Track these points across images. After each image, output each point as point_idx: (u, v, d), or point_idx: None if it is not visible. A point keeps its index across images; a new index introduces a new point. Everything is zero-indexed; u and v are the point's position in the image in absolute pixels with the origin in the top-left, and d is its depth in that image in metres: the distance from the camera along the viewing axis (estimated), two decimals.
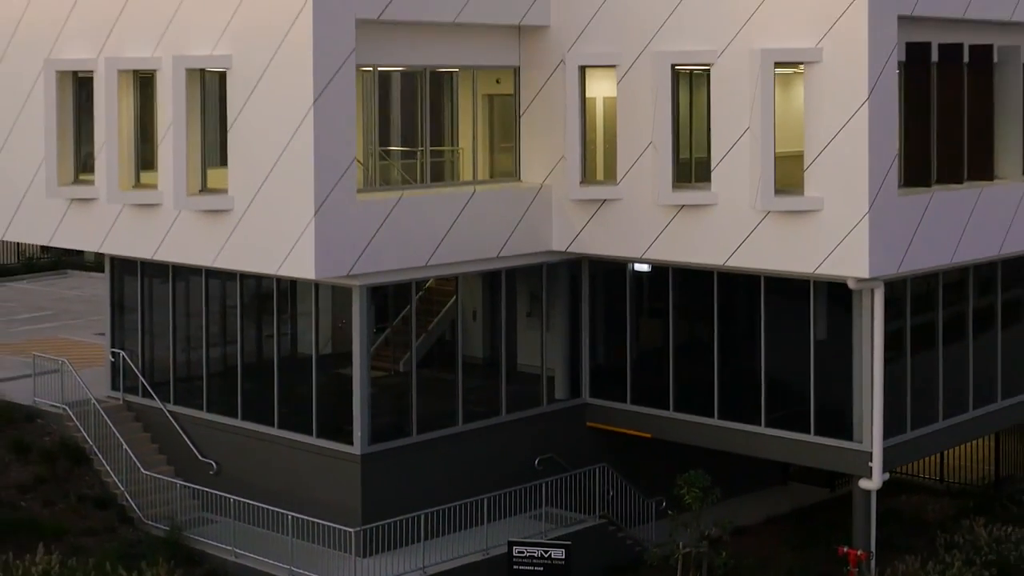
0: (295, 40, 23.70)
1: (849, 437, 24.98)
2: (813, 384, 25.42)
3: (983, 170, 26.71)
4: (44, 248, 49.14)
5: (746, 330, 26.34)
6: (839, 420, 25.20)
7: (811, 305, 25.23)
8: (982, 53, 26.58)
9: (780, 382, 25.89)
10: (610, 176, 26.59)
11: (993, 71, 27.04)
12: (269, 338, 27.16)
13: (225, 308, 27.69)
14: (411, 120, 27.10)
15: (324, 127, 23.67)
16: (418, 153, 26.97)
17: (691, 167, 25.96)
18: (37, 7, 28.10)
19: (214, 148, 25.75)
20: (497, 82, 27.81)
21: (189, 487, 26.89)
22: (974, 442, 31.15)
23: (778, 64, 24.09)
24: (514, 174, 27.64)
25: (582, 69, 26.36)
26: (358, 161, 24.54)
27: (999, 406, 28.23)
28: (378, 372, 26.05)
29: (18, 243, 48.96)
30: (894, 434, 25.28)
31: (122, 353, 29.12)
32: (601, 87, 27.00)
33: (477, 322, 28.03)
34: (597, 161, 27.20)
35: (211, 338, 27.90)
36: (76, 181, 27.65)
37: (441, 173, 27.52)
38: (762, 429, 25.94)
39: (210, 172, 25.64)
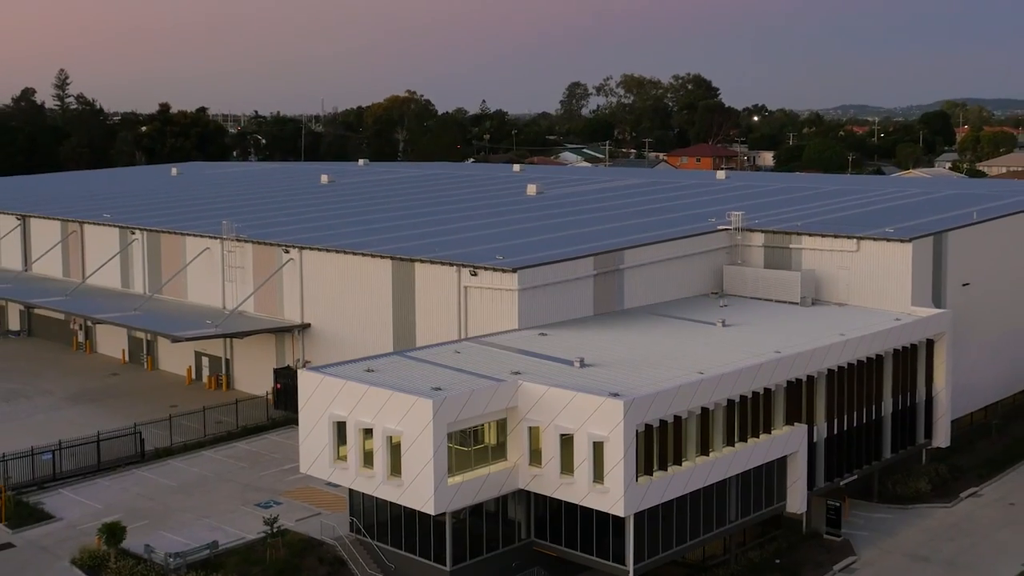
0: (424, 436, 68.12)
1: (622, 563, 70.06)
2: (611, 545, 70.29)
3: (692, 457, 71.37)
4: (280, 406, 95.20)
5: (586, 524, 71.05)
6: (620, 555, 70.11)
7: (610, 517, 70.05)
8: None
9: (601, 543, 70.77)
10: (540, 463, 71.30)
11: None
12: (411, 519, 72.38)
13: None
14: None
15: (437, 467, 68.15)
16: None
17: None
18: (324, 385, 72.93)
19: (396, 455, 70.45)
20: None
21: None
22: None
23: (594, 441, 68.57)
24: (505, 456, 72.39)
25: (529, 427, 71.17)
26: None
27: (702, 537, 73.61)
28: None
29: (267, 403, 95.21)
30: (641, 561, 70.30)
31: (354, 519, 74.64)
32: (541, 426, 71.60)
33: None
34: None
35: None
36: (338, 459, 72.70)
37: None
38: (594, 558, 71.05)
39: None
